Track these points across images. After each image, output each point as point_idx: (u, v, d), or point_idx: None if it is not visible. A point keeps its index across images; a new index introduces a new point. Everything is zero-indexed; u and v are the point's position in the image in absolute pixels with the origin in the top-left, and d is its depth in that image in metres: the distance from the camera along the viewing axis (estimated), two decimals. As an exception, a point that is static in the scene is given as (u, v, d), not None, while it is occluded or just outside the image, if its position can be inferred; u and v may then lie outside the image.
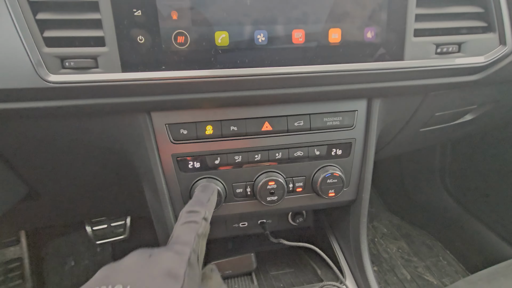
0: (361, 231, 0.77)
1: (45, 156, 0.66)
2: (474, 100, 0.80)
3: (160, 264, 0.35)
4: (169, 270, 0.35)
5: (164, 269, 0.35)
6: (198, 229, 0.43)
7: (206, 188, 0.55)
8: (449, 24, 0.59)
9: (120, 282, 0.32)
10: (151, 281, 0.33)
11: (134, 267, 0.35)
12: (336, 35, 0.54)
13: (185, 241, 0.40)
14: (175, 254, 0.37)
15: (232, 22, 0.51)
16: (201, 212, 0.46)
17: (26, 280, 1.27)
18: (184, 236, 0.41)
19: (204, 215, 0.46)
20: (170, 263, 0.36)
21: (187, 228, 0.43)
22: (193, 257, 0.39)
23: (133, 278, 0.33)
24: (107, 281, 0.32)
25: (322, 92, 0.59)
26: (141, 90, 0.52)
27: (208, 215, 0.47)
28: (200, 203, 0.49)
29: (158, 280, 0.33)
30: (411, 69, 0.58)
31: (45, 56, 0.47)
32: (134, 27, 0.48)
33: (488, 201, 1.31)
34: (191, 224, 0.43)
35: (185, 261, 0.37)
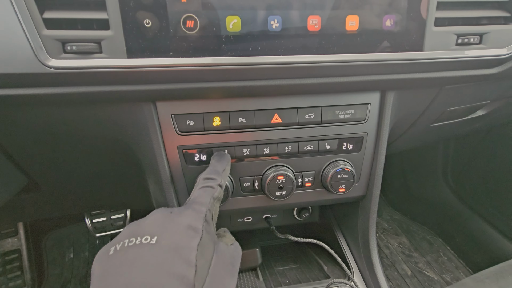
0: (370, 227, 0.75)
1: (45, 146, 0.63)
2: (488, 95, 0.78)
3: (181, 218, 0.40)
4: (189, 223, 0.39)
5: (185, 223, 0.39)
6: (214, 193, 0.47)
7: (221, 158, 0.59)
8: (471, 13, 0.56)
9: (148, 234, 0.36)
10: (174, 232, 0.37)
11: (158, 221, 0.39)
12: (353, 23, 0.52)
13: (202, 202, 0.45)
14: (193, 211, 0.42)
15: (244, 6, 0.48)
16: (217, 179, 0.51)
17: (25, 271, 1.26)
18: (201, 198, 0.46)
19: (219, 182, 0.50)
20: (190, 218, 0.40)
21: (204, 191, 0.47)
22: (209, 215, 0.43)
23: (158, 230, 0.37)
24: (136, 234, 0.37)
25: (336, 83, 0.57)
26: (146, 78, 0.50)
27: (222, 183, 0.52)
28: (216, 172, 0.53)
29: (180, 232, 0.38)
30: (430, 60, 0.55)
31: (45, 39, 0.44)
32: (141, 9, 0.45)
33: (489, 198, 1.30)
34: (207, 189, 0.48)
35: (202, 217, 0.41)
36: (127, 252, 0.35)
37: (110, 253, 0.35)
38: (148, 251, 0.35)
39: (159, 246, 0.35)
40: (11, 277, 1.25)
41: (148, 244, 0.35)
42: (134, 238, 0.36)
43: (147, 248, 0.35)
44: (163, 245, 0.35)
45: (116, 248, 0.35)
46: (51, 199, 0.87)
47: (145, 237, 0.36)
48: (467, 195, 1.42)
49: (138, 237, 0.36)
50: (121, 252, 0.35)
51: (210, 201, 0.45)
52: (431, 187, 1.56)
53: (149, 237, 0.36)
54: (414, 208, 1.65)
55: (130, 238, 0.36)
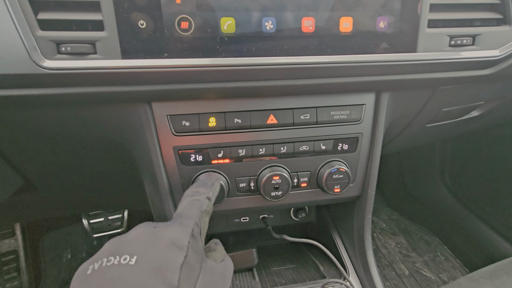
0: (366, 227, 0.76)
1: (41, 147, 0.63)
2: (482, 96, 0.78)
3: (164, 235, 0.37)
4: (173, 240, 0.36)
5: (169, 239, 0.36)
6: (202, 206, 0.45)
7: (210, 175, 0.58)
8: (464, 15, 0.57)
9: (127, 253, 0.34)
10: (157, 251, 0.35)
11: (139, 238, 0.36)
12: (347, 24, 0.52)
13: (189, 215, 0.42)
14: (179, 225, 0.39)
15: (239, 8, 0.48)
16: (205, 192, 0.48)
17: (22, 272, 1.26)
18: (188, 211, 0.43)
19: (207, 195, 0.48)
20: (174, 234, 0.37)
21: (191, 205, 0.45)
22: (196, 230, 0.40)
23: (139, 248, 0.35)
24: (114, 252, 0.34)
25: (331, 84, 0.57)
26: (141, 79, 0.50)
27: (211, 196, 0.49)
28: (204, 185, 0.51)
29: (163, 250, 0.35)
30: (424, 62, 0.56)
31: (39, 40, 0.44)
32: (135, 10, 0.45)
33: (486, 198, 1.31)
34: (194, 202, 0.45)
35: (188, 232, 0.38)
36: (105, 273, 0.32)
37: (88, 272, 0.33)
38: (127, 272, 0.32)
39: (139, 267, 0.33)
40: (8, 278, 1.24)
41: (127, 265, 0.32)
42: (113, 257, 0.33)
43: (126, 270, 0.32)
44: (143, 266, 0.33)
45: (94, 267, 0.33)
46: (48, 200, 0.87)
47: (123, 256, 0.33)
48: (464, 195, 1.42)
49: (117, 256, 0.33)
50: (98, 272, 0.32)
51: (197, 214, 0.42)
52: (428, 187, 1.56)
53: (128, 256, 0.33)
54: (411, 208, 1.66)
55: (109, 257, 0.33)
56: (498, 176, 1.24)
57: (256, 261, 0.84)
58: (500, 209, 1.25)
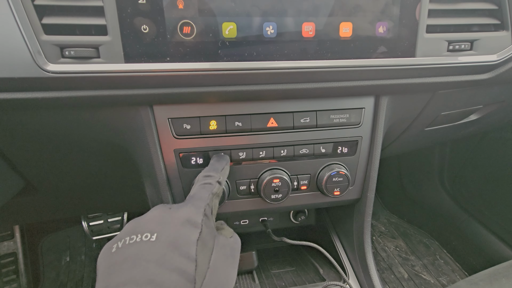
0: (365, 230, 0.76)
1: (43, 150, 0.63)
2: (480, 100, 0.79)
3: (180, 214, 0.40)
4: (188, 218, 0.40)
5: (184, 218, 0.40)
6: (212, 189, 0.48)
7: (220, 158, 0.60)
8: (462, 20, 0.57)
9: (147, 231, 0.37)
10: (174, 228, 0.38)
11: (157, 218, 0.40)
12: (347, 29, 0.53)
13: (201, 197, 0.45)
14: (192, 206, 0.42)
15: (240, 13, 0.49)
16: (215, 176, 0.51)
17: (21, 275, 1.25)
18: (200, 194, 0.46)
19: (218, 179, 0.51)
20: (189, 213, 0.41)
21: (203, 187, 0.48)
22: (208, 210, 0.44)
23: (158, 226, 0.38)
24: (136, 231, 0.37)
25: (331, 88, 0.58)
26: (144, 82, 0.50)
27: (221, 180, 0.52)
28: (215, 169, 0.54)
29: (179, 227, 0.38)
30: (422, 66, 0.56)
31: (43, 44, 0.45)
32: (138, 15, 0.46)
33: (485, 201, 1.31)
34: (206, 185, 0.49)
35: (201, 212, 0.42)
36: (129, 249, 0.35)
37: (112, 250, 0.36)
38: (148, 248, 0.35)
39: (159, 242, 0.36)
40: (7, 280, 1.24)
41: (148, 241, 0.36)
42: (135, 235, 0.37)
43: (147, 245, 0.35)
44: (163, 241, 0.36)
45: (118, 245, 0.36)
46: (48, 202, 0.87)
47: (145, 234, 0.37)
48: (463, 198, 1.43)
49: (138, 234, 0.37)
50: (123, 249, 0.36)
51: (209, 196, 0.46)
52: (427, 190, 1.57)
53: (149, 234, 0.37)
54: (411, 211, 1.66)
55: (131, 236, 0.37)
56: (497, 180, 1.25)
57: (256, 264, 0.84)
58: (499, 213, 1.26)
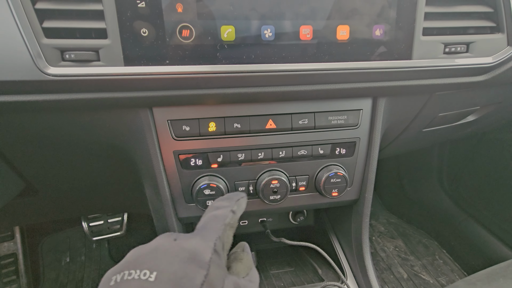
0: (363, 231, 0.77)
1: (43, 151, 0.64)
2: (477, 101, 0.79)
3: (185, 249, 0.35)
4: (194, 255, 0.34)
5: (190, 254, 0.34)
6: (225, 219, 0.42)
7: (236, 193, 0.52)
8: (458, 23, 0.58)
9: (146, 267, 0.33)
10: (177, 266, 0.33)
11: (159, 252, 0.35)
12: (344, 32, 0.53)
13: (212, 228, 0.39)
14: (201, 239, 0.37)
15: (238, 16, 0.50)
16: (229, 205, 0.44)
17: (21, 275, 1.26)
18: (211, 224, 0.40)
19: (232, 208, 0.44)
20: (196, 248, 0.35)
21: (214, 217, 0.42)
22: (219, 244, 0.38)
23: (158, 263, 0.34)
24: (135, 265, 0.34)
25: (329, 90, 0.58)
26: (143, 85, 0.51)
27: (236, 209, 0.45)
28: (229, 199, 0.47)
29: (183, 266, 0.33)
30: (419, 69, 0.57)
31: (44, 47, 0.45)
32: (138, 19, 0.47)
33: (484, 201, 1.32)
34: (218, 215, 0.42)
35: (211, 247, 0.36)
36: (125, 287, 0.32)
37: (111, 283, 0.33)
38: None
39: (159, 283, 0.32)
40: (7, 281, 1.24)
41: (146, 281, 0.32)
42: (134, 271, 0.33)
43: (145, 286, 0.32)
44: (163, 282, 0.32)
45: (116, 279, 0.33)
46: (49, 203, 0.88)
47: (143, 271, 0.33)
48: (462, 198, 1.43)
49: (137, 269, 0.33)
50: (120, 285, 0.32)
51: (221, 227, 0.40)
52: (426, 190, 1.57)
53: (147, 272, 0.33)
54: (410, 211, 1.66)
55: (130, 270, 0.33)
56: (496, 179, 1.25)
57: (255, 264, 0.85)
58: (498, 213, 1.26)
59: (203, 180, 0.63)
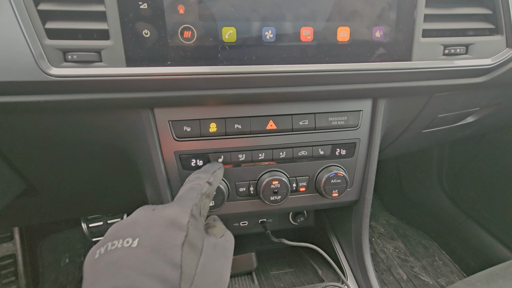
0: (363, 231, 0.77)
1: (44, 152, 0.64)
2: (477, 103, 0.80)
3: (164, 215, 0.37)
4: (173, 220, 0.37)
5: (169, 220, 0.37)
6: (201, 189, 0.45)
7: (213, 163, 0.59)
8: (457, 25, 0.59)
9: (129, 236, 0.35)
10: (157, 231, 0.35)
11: (140, 221, 0.37)
12: (344, 34, 0.54)
13: (188, 197, 0.42)
14: (178, 206, 0.40)
15: (240, 18, 0.50)
16: (205, 177, 0.49)
17: (20, 276, 1.25)
18: (187, 194, 0.43)
19: (208, 180, 0.48)
20: (174, 214, 0.38)
21: (191, 188, 0.45)
22: (196, 210, 0.41)
23: (140, 230, 0.36)
24: (117, 236, 0.35)
25: (329, 91, 0.59)
26: (145, 86, 0.51)
27: (212, 181, 0.49)
28: (205, 171, 0.51)
29: (164, 230, 0.36)
30: (419, 70, 0.57)
31: (46, 48, 0.45)
32: (140, 20, 0.47)
33: (483, 202, 1.32)
34: (195, 185, 0.46)
35: (187, 212, 0.39)
36: (110, 256, 0.34)
37: (95, 257, 0.35)
38: (130, 254, 0.33)
39: (141, 248, 0.34)
40: (6, 282, 1.24)
41: (129, 247, 0.34)
42: (117, 241, 0.35)
43: (129, 252, 0.34)
44: (145, 246, 0.34)
45: (100, 251, 0.35)
46: (49, 204, 0.88)
47: (126, 239, 0.34)
48: (461, 199, 1.43)
49: (120, 239, 0.35)
50: (105, 256, 0.34)
51: (197, 196, 0.43)
52: (426, 191, 1.57)
53: (130, 239, 0.34)
54: (410, 212, 1.67)
55: (113, 241, 0.35)
56: (495, 181, 1.26)
57: (255, 265, 0.85)
58: (497, 214, 1.26)
59: None
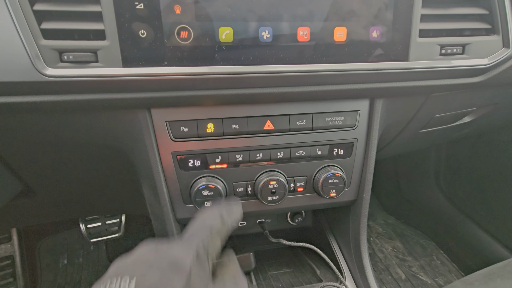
0: (361, 231, 0.77)
1: (41, 153, 0.64)
2: (474, 102, 0.80)
3: (166, 254, 0.35)
4: (175, 261, 0.34)
5: (170, 260, 0.34)
6: (212, 226, 0.41)
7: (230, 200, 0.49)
8: (454, 25, 0.59)
9: (127, 274, 0.33)
10: (157, 273, 0.33)
11: (141, 258, 0.35)
12: (341, 34, 0.54)
13: (195, 234, 0.39)
14: (182, 246, 0.37)
15: (236, 18, 0.50)
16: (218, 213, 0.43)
17: (18, 278, 1.25)
18: (195, 231, 0.40)
19: (221, 215, 0.43)
20: (176, 254, 0.35)
21: (200, 224, 0.41)
22: (202, 250, 0.37)
23: (138, 269, 0.34)
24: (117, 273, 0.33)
25: (326, 91, 0.59)
26: (142, 86, 0.51)
27: (227, 218, 0.44)
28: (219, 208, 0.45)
29: (163, 272, 0.33)
30: (415, 70, 0.58)
31: (42, 48, 0.45)
32: (136, 20, 0.47)
33: (481, 202, 1.33)
34: (205, 222, 0.42)
35: (192, 255, 0.35)
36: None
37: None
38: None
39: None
40: (4, 283, 1.23)
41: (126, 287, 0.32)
42: (116, 278, 0.33)
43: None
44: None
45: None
46: (46, 205, 0.88)
47: (124, 278, 0.33)
48: (459, 199, 1.44)
49: (118, 277, 0.33)
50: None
51: (205, 234, 0.39)
52: (424, 191, 1.58)
53: (128, 278, 0.32)
54: (408, 212, 1.67)
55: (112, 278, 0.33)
56: (492, 180, 1.26)
57: (254, 265, 0.85)
58: (495, 213, 1.27)
59: (201, 181, 0.63)
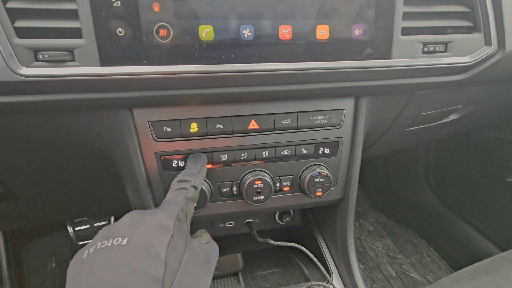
0: (348, 230, 0.77)
1: (20, 154, 0.62)
2: (458, 100, 0.81)
3: (152, 218, 0.41)
4: (160, 222, 0.40)
5: (156, 222, 0.40)
6: (187, 194, 0.49)
7: (196, 159, 0.60)
8: (436, 23, 0.59)
9: (119, 235, 0.38)
10: (145, 232, 0.39)
11: (130, 223, 0.40)
12: (323, 32, 0.54)
13: (175, 201, 0.46)
14: (165, 210, 0.43)
15: (217, 16, 0.49)
16: (191, 180, 0.52)
17: (5, 283, 1.22)
18: (174, 198, 0.47)
19: (193, 183, 0.52)
20: (161, 217, 0.41)
21: (177, 193, 0.49)
22: (181, 214, 0.45)
23: (129, 230, 0.39)
24: (108, 236, 0.38)
25: (310, 90, 0.58)
26: (121, 86, 0.50)
27: (197, 184, 0.53)
28: (190, 173, 0.55)
29: (151, 230, 0.39)
30: (398, 68, 0.58)
31: (16, 47, 0.44)
32: (113, 18, 0.46)
33: (469, 200, 1.34)
34: (181, 190, 0.50)
35: (174, 216, 0.43)
36: (99, 254, 0.36)
37: (83, 257, 0.36)
38: (118, 251, 0.36)
39: (130, 246, 0.36)
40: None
41: (119, 245, 0.36)
42: (106, 240, 0.37)
43: (117, 249, 0.36)
44: (133, 244, 0.37)
45: (89, 251, 0.37)
46: (30, 208, 0.86)
47: (116, 238, 0.37)
48: (448, 197, 1.45)
49: (110, 239, 0.37)
50: (93, 254, 0.36)
51: (183, 201, 0.47)
52: (414, 189, 1.59)
53: (120, 238, 0.37)
54: (398, 210, 1.68)
55: (103, 241, 0.37)
56: (480, 178, 1.28)
57: (241, 266, 0.84)
58: (483, 210, 1.28)
59: None
